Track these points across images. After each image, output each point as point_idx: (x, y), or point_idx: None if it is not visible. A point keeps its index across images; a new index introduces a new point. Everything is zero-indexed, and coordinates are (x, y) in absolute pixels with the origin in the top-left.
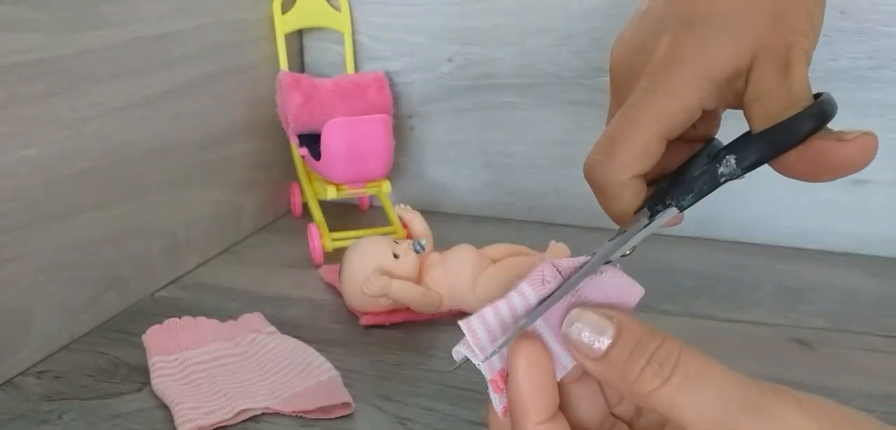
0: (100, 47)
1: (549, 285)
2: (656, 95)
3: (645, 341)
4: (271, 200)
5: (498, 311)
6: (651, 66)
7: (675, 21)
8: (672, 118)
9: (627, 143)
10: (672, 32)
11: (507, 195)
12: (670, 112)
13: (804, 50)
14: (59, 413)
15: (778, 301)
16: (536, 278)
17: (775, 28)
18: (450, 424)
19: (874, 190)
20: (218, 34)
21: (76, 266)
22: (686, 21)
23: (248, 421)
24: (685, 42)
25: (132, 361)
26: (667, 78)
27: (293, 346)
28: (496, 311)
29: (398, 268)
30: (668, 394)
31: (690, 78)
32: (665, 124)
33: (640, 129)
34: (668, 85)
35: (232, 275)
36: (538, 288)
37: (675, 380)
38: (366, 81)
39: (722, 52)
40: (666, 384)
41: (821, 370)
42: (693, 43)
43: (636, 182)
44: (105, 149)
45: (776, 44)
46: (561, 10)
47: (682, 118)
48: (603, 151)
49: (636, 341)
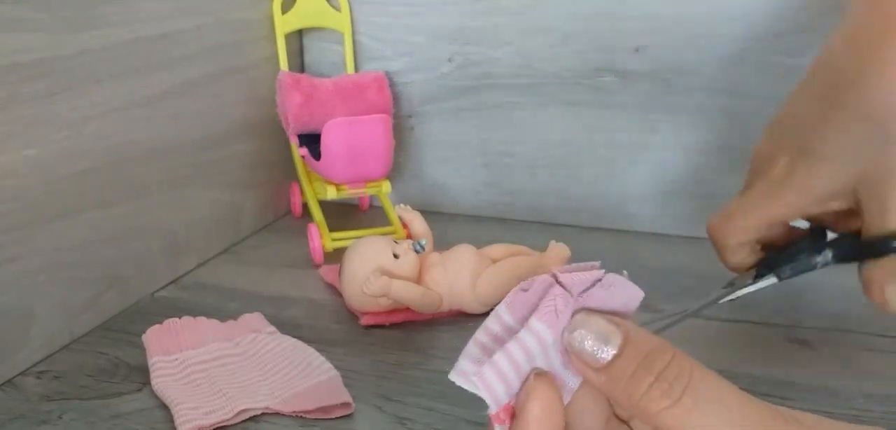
0: (100, 47)
1: (563, 317)
2: (769, 198)
3: (653, 356)
4: (271, 200)
5: (512, 357)
6: (770, 176)
7: (792, 147)
8: (776, 217)
9: (740, 221)
10: (789, 155)
11: (507, 195)
12: (775, 214)
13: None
14: (59, 413)
15: (778, 301)
16: (549, 312)
17: (876, 159)
18: (450, 424)
19: None
20: (218, 34)
21: (76, 266)
22: (800, 148)
23: (248, 421)
24: (798, 166)
25: (132, 361)
26: (779, 192)
27: (293, 346)
28: (510, 357)
29: (398, 268)
30: (678, 416)
31: (795, 198)
32: (769, 221)
33: (752, 216)
34: (779, 198)
35: (232, 275)
36: (552, 323)
37: (686, 401)
38: (366, 81)
39: (822, 180)
40: (676, 404)
41: (821, 370)
42: (802, 168)
43: (746, 247)
44: (105, 149)
45: (876, 173)
46: (561, 11)
47: (785, 218)
48: (722, 215)
49: (644, 355)
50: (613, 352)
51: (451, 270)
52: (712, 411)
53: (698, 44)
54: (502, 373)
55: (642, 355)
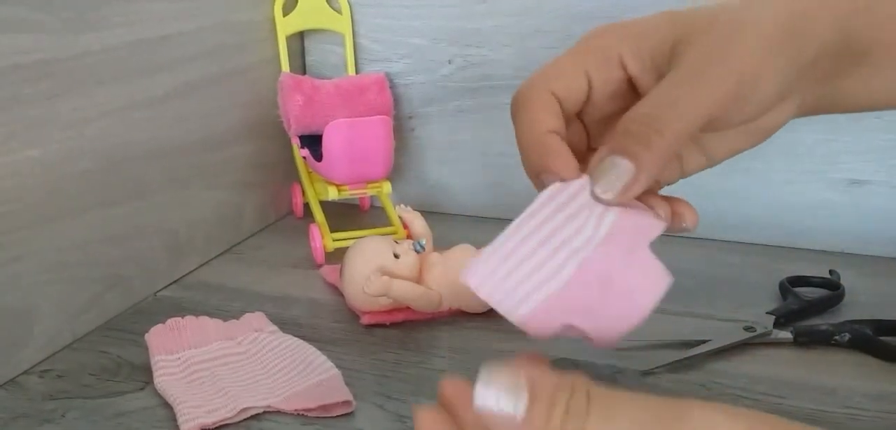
0: (101, 49)
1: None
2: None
3: (557, 394)
4: (273, 201)
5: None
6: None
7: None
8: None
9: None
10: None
11: (507, 195)
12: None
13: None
14: (62, 412)
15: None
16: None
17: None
18: None
19: (873, 190)
20: (220, 36)
21: (78, 266)
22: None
23: (250, 419)
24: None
25: (135, 360)
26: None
27: (295, 345)
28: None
29: (398, 268)
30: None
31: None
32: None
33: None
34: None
35: (234, 275)
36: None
37: (593, 421)
38: (367, 83)
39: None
40: (585, 426)
41: (820, 370)
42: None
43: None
44: (107, 149)
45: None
46: (560, 12)
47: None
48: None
49: (549, 397)
50: (524, 405)
51: (452, 270)
52: (617, 419)
53: None
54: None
55: (549, 398)
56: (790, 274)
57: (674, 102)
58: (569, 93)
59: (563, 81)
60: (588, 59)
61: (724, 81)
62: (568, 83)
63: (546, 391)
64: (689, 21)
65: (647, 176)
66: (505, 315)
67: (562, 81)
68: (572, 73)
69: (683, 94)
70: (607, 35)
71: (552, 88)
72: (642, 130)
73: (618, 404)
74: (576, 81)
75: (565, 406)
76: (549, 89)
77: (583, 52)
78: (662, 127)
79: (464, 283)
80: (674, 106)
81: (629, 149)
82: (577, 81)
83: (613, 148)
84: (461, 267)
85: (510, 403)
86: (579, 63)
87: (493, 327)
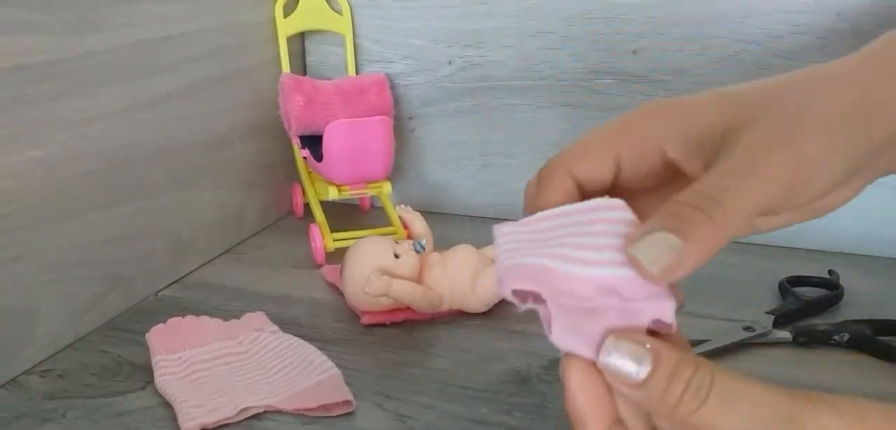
0: (104, 49)
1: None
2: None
3: (681, 368)
4: (274, 201)
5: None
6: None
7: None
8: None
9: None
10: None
11: (507, 195)
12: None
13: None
14: (63, 412)
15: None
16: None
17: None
18: (449, 421)
19: (873, 190)
20: (221, 37)
21: (80, 266)
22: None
23: (251, 419)
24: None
25: (136, 359)
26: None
27: (295, 344)
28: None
29: (399, 268)
30: (707, 415)
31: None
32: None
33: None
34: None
35: (235, 275)
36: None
37: (712, 401)
38: (367, 84)
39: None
40: (703, 405)
41: (819, 370)
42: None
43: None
44: (109, 150)
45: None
46: (559, 14)
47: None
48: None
49: (672, 369)
50: (647, 370)
51: (452, 269)
52: (737, 405)
53: (696, 46)
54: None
55: (671, 369)
56: (789, 274)
57: (731, 190)
58: (591, 176)
59: (587, 165)
60: (621, 144)
61: (784, 171)
62: (592, 167)
63: (670, 362)
64: (744, 103)
65: (692, 263)
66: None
67: (585, 164)
68: (599, 156)
69: (740, 184)
70: (649, 119)
71: (573, 171)
72: (696, 213)
73: (741, 390)
74: (601, 164)
75: (686, 380)
76: (570, 172)
77: (618, 134)
78: (715, 214)
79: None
80: (730, 194)
81: (681, 229)
82: (603, 164)
83: (662, 223)
84: (461, 267)
85: (633, 365)
86: (610, 147)
87: (493, 327)
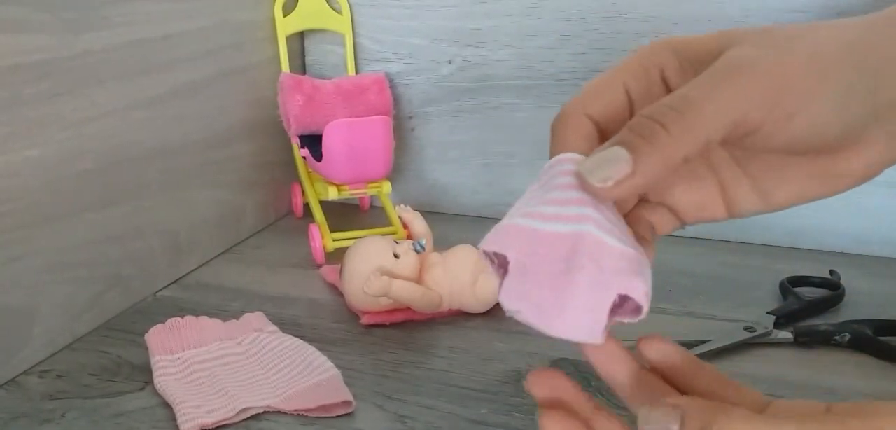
0: (102, 49)
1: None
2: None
3: (707, 419)
4: (273, 201)
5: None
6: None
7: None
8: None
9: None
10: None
11: (507, 195)
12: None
13: None
14: (62, 412)
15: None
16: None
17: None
18: (449, 422)
19: (874, 190)
20: (220, 36)
21: (79, 266)
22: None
23: (250, 420)
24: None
25: (135, 360)
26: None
27: (294, 345)
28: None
29: (398, 268)
30: None
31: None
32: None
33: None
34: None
35: (234, 275)
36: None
37: None
38: (366, 83)
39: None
40: None
41: (820, 370)
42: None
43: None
44: (107, 149)
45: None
46: (559, 13)
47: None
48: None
49: (701, 425)
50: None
51: (452, 270)
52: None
53: None
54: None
55: (700, 426)
56: (790, 274)
57: (693, 99)
58: (606, 110)
59: (600, 101)
60: (629, 77)
61: (758, 85)
62: (605, 101)
63: (697, 421)
64: (743, 31)
65: (644, 175)
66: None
67: (598, 100)
68: (609, 89)
69: (706, 92)
70: (653, 51)
71: (587, 110)
72: (649, 124)
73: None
74: (613, 96)
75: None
76: (585, 112)
77: (625, 69)
78: (671, 123)
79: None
80: (691, 103)
81: (631, 142)
82: (616, 95)
83: (615, 139)
84: (461, 267)
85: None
86: (617, 77)
87: (494, 327)
